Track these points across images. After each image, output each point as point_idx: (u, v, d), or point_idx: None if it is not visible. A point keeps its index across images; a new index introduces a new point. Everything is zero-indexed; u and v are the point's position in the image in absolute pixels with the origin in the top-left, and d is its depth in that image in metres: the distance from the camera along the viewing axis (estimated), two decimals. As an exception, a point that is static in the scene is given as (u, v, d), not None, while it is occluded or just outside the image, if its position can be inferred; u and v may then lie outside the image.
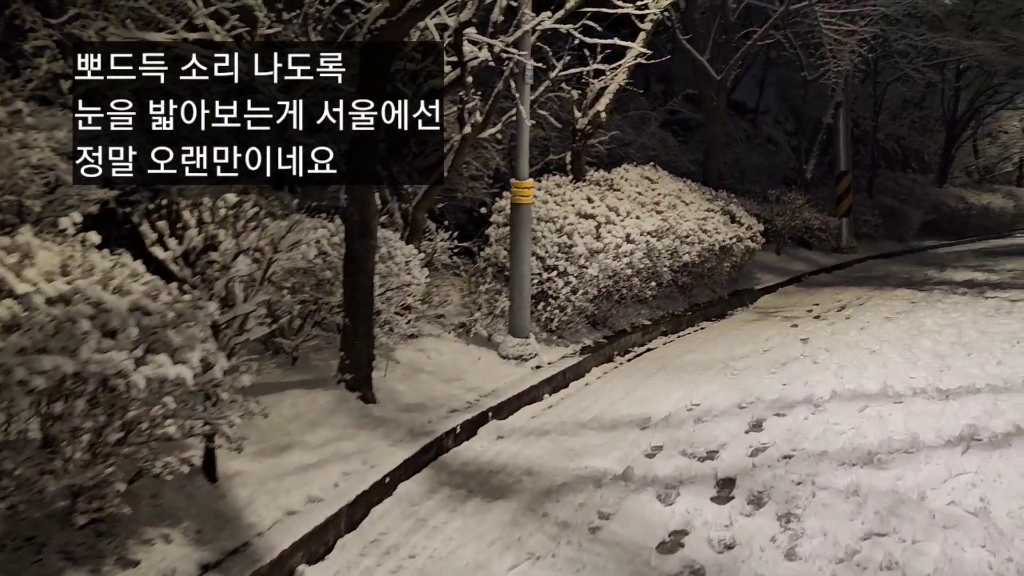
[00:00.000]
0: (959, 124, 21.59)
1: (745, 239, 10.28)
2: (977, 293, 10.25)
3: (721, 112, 11.87)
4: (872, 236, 17.45)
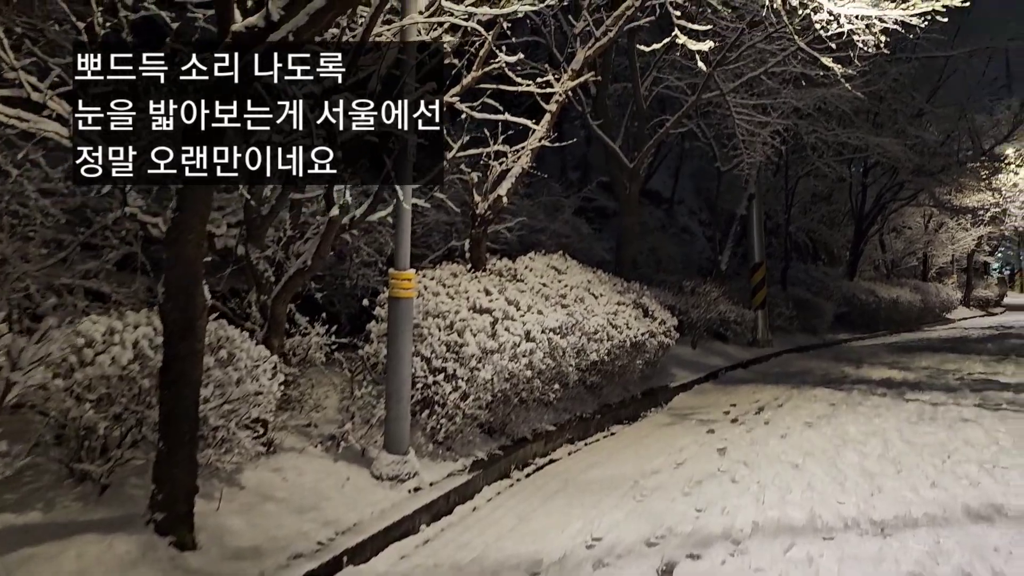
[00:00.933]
0: (867, 219, 22.01)
1: (659, 334, 9.66)
2: (897, 394, 9.80)
3: (634, 200, 11.43)
4: (787, 329, 17.22)
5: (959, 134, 19.14)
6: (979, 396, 9.33)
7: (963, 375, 11.44)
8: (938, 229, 27.86)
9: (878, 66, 14.72)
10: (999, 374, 11.36)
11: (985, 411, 8.34)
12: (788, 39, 9.60)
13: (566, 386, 7.65)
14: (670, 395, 10.43)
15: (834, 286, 19.89)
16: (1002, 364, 12.54)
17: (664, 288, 14.58)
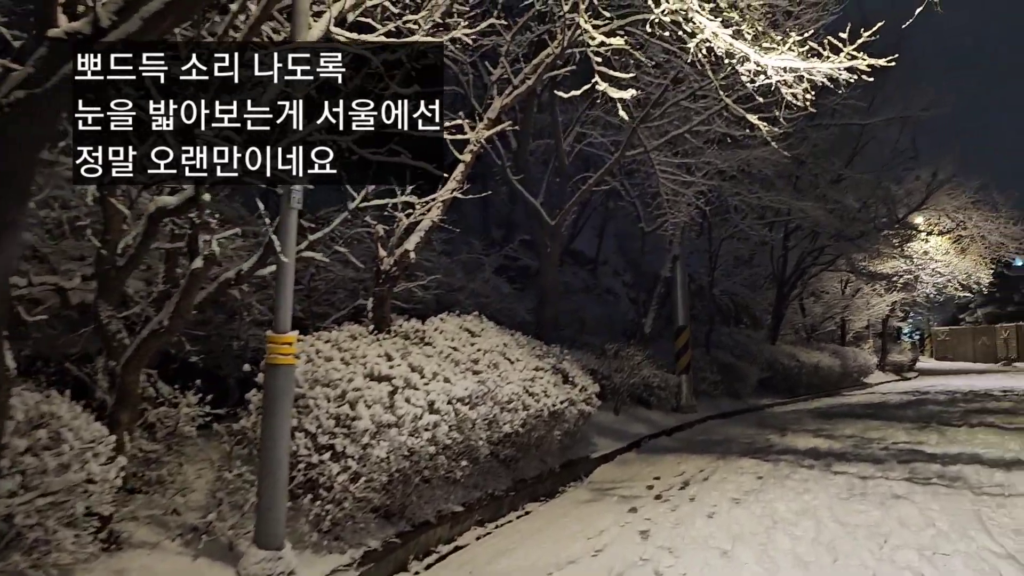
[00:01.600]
0: (788, 283, 22.15)
1: (579, 402, 9.08)
2: (824, 466, 9.39)
3: (555, 259, 10.96)
4: (711, 394, 16.90)
5: (875, 202, 19.54)
6: (907, 468, 8.99)
7: (888, 444, 11.16)
8: (855, 294, 28.37)
9: (799, 131, 14.83)
10: (923, 444, 11.12)
11: (916, 486, 7.96)
12: (713, 97, 9.38)
13: (476, 461, 6.96)
14: (591, 467, 9.82)
15: (757, 350, 19.77)
16: (924, 433, 12.35)
17: (587, 351, 14.10)
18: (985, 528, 6.21)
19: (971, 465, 9.09)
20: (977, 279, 29.26)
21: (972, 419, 14.32)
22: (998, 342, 46.98)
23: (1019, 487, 7.75)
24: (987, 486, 7.88)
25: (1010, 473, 8.56)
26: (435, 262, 12.16)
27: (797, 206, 13.98)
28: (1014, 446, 10.65)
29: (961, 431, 12.54)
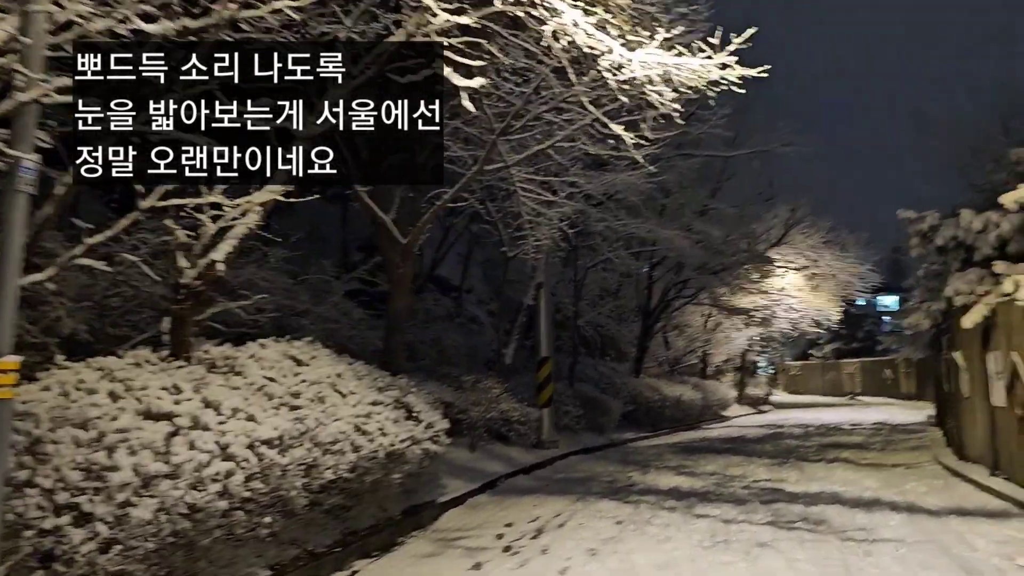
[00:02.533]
0: (653, 315, 22.04)
1: (424, 440, 8.11)
2: (686, 508, 8.80)
3: (407, 281, 9.99)
4: (574, 428, 16.30)
5: (738, 236, 19.76)
6: (771, 511, 8.50)
7: (749, 483, 10.75)
8: (716, 328, 28.81)
9: (666, 158, 14.62)
10: (784, 481, 10.78)
11: (780, 531, 7.42)
12: (578, 111, 8.75)
13: (291, 514, 5.86)
14: (437, 513, 8.83)
15: (621, 383, 19.42)
16: (784, 470, 12.09)
17: (444, 383, 13.17)
18: (855, 582, 5.66)
19: (833, 506, 8.71)
20: (828, 316, 30.42)
21: (828, 454, 14.30)
22: (843, 377, 49.41)
23: (881, 531, 7.34)
24: (851, 530, 7.44)
25: (871, 514, 8.20)
26: (273, 281, 10.95)
27: (663, 235, 13.69)
28: (871, 483, 10.45)
29: (819, 467, 12.37)
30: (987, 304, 9.55)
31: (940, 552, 6.46)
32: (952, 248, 11.68)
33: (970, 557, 6.32)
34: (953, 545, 6.73)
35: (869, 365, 46.84)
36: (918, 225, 11.84)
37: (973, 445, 11.23)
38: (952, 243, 11.55)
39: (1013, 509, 8.39)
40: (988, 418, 10.08)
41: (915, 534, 7.15)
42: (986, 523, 7.68)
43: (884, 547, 6.68)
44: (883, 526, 7.57)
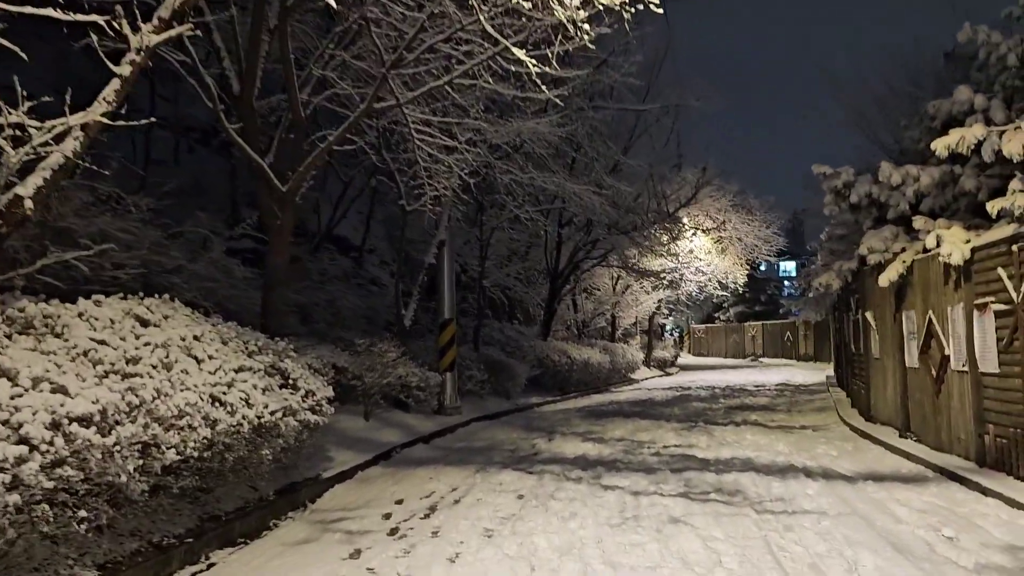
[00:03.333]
0: (561, 277, 21.42)
1: (303, 410, 7.18)
2: (593, 479, 8.16)
3: (287, 234, 8.91)
4: (478, 393, 15.57)
5: (648, 196, 19.26)
6: (682, 480, 7.95)
7: (659, 449, 10.24)
8: (625, 291, 28.54)
9: (576, 110, 13.86)
10: (694, 447, 10.31)
11: (694, 504, 6.84)
12: (479, 43, 7.83)
13: (126, 503, 4.88)
14: (321, 489, 7.94)
15: (528, 346, 18.78)
16: (694, 434, 11.66)
17: (339, 346, 12.17)
18: (778, 563, 5.07)
19: (746, 473, 8.22)
20: (734, 278, 30.58)
21: (736, 417, 14.02)
22: (747, 339, 50.46)
23: (799, 501, 6.85)
24: (768, 500, 6.93)
25: (787, 482, 7.74)
26: (138, 234, 9.71)
27: (572, 190, 12.94)
28: (782, 447, 10.08)
29: (728, 431, 12.00)
30: (903, 261, 9.19)
31: (864, 525, 5.98)
32: (866, 206, 11.35)
33: (895, 530, 5.85)
34: (875, 516, 6.27)
35: (771, 328, 47.94)
36: (833, 181, 11.45)
37: (882, 407, 11.03)
38: (866, 200, 11.21)
39: (928, 473, 8.09)
40: (900, 379, 9.81)
41: (835, 505, 6.67)
42: (904, 489, 7.30)
43: (805, 520, 6.16)
44: (801, 495, 7.08)
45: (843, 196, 11.40)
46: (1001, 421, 7.16)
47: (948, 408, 8.36)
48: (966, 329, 7.73)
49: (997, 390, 7.22)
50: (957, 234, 7.71)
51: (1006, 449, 7.09)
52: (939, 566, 4.97)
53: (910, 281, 9.25)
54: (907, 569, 4.89)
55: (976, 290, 7.50)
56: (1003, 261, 6.95)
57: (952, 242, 7.53)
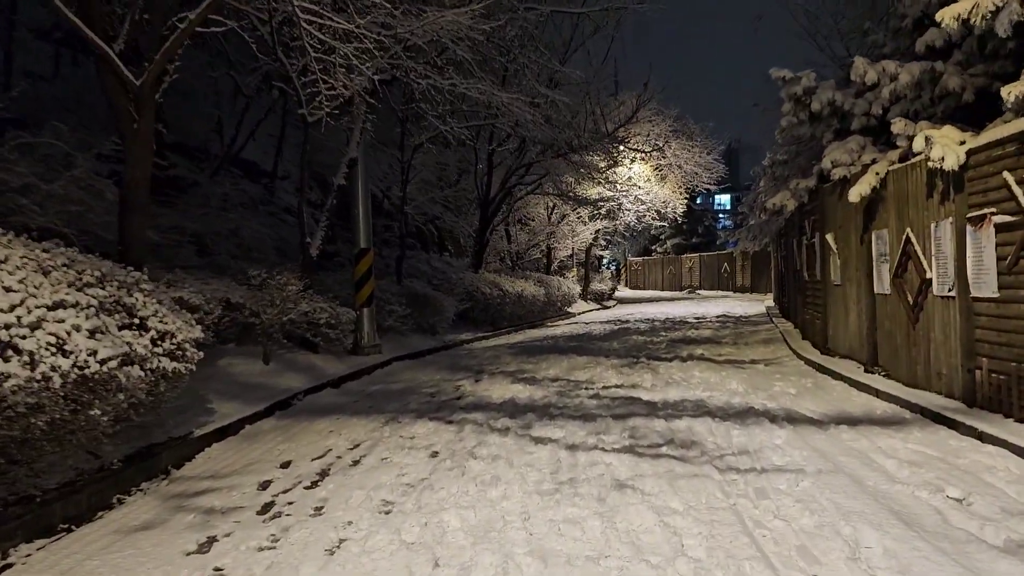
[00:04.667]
0: (492, 204, 19.94)
1: (155, 357, 5.68)
2: (523, 430, 6.91)
3: (148, 141, 7.24)
4: (399, 330, 14.18)
5: (585, 116, 17.77)
6: (627, 429, 6.75)
7: (598, 390, 9.06)
8: (560, 221, 27.26)
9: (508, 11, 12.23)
10: (638, 387, 9.16)
11: (642, 461, 5.64)
12: None
13: None
14: (191, 451, 6.50)
15: (457, 279, 17.38)
16: (637, 372, 10.52)
17: (236, 281, 10.59)
18: (759, 548, 3.88)
19: (700, 419, 7.07)
20: (673, 207, 29.55)
21: (681, 351, 12.96)
22: (684, 271, 50.03)
23: (768, 455, 5.71)
24: (731, 454, 5.77)
25: (748, 429, 6.61)
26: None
27: (502, 100, 11.40)
28: (736, 385, 9.00)
29: (674, 367, 10.90)
30: (876, 173, 8.02)
31: (852, 485, 4.85)
32: (827, 115, 10.15)
33: (891, 492, 4.73)
34: (863, 473, 5.16)
35: (708, 259, 47.52)
36: (793, 87, 10.19)
37: (843, 338, 10.03)
38: (828, 109, 10.00)
39: (905, 414, 7.06)
40: (866, 308, 8.77)
41: (812, 459, 5.53)
42: (884, 435, 6.23)
43: (779, 481, 5.00)
44: (768, 446, 5.94)
45: (803, 104, 10.17)
46: (998, 354, 6.11)
47: (927, 340, 7.32)
48: (955, 248, 6.62)
49: (994, 318, 6.15)
50: (950, 134, 6.53)
51: (1003, 387, 6.06)
52: (961, 546, 3.85)
53: (883, 196, 8.11)
54: (925, 552, 3.75)
55: (970, 201, 6.36)
56: (1010, 164, 5.79)
57: (944, 144, 6.35)
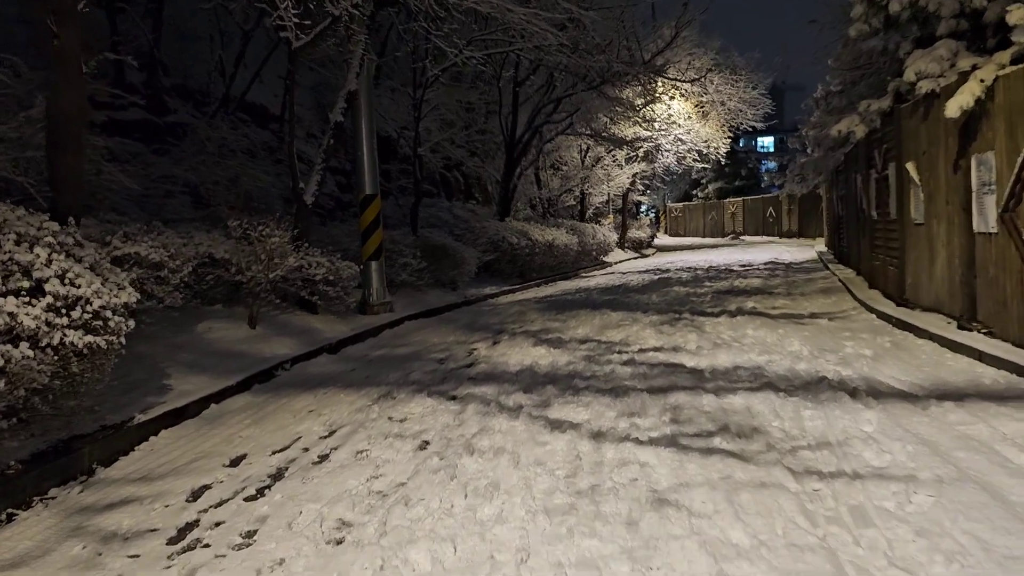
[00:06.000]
0: (519, 146, 18.38)
1: (60, 330, 4.43)
2: (538, 410, 5.58)
3: (75, 62, 5.88)
4: (415, 285, 12.89)
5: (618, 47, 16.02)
6: (667, 409, 5.37)
7: (633, 354, 7.68)
8: (595, 165, 25.60)
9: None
10: (681, 350, 7.74)
11: (689, 460, 4.26)
12: None
13: None
14: (130, 442, 5.28)
15: (480, 228, 15.98)
16: (679, 330, 9.08)
17: (224, 234, 9.34)
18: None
19: (760, 393, 5.65)
20: (716, 147, 27.64)
21: (728, 304, 11.47)
22: (726, 216, 47.95)
23: (859, 450, 4.28)
24: (804, 447, 4.37)
25: (823, 408, 5.17)
26: None
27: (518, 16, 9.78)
28: (798, 347, 7.54)
29: (722, 324, 9.44)
30: (981, 80, 6.38)
31: (996, 507, 3.40)
32: (906, 20, 8.45)
33: (1054, 515, 3.30)
34: (1000, 482, 3.70)
35: (752, 204, 45.39)
36: (866, -15, 8.49)
37: (927, 288, 8.47)
38: (907, 12, 8.30)
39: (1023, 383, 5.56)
40: (961, 250, 7.20)
41: (920, 457, 4.09)
42: (1006, 416, 4.75)
43: (883, 496, 3.58)
44: (855, 436, 4.51)
45: (878, 6, 8.46)
46: None
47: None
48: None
49: None
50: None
51: None
52: None
53: (987, 110, 6.49)
54: None
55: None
56: None
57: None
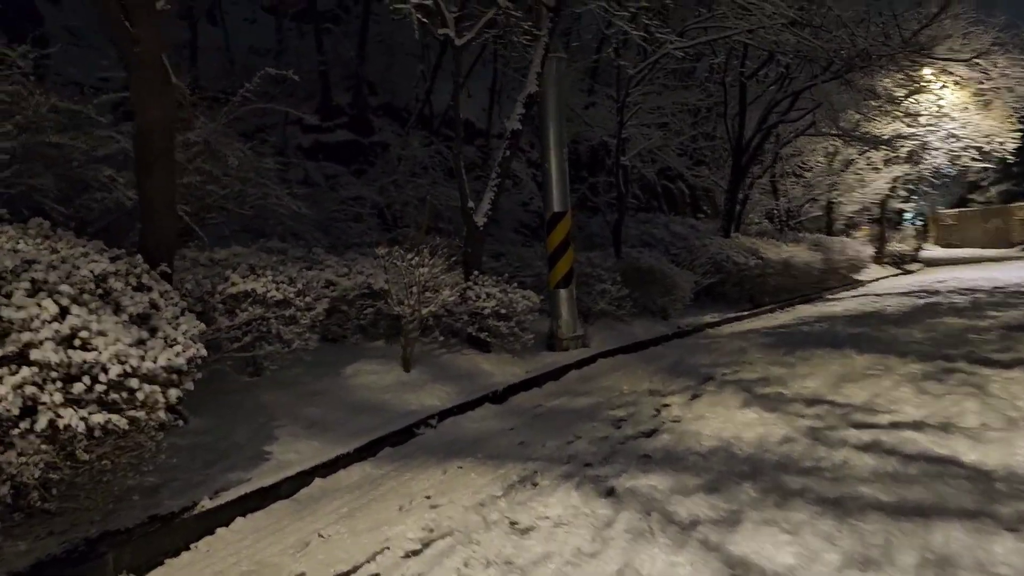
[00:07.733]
0: (747, 152, 16.06)
1: (57, 408, 3.36)
2: (718, 533, 3.78)
3: (155, 69, 4.96)
4: (616, 315, 11.22)
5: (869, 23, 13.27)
6: (929, 564, 3.31)
7: (880, 431, 5.49)
8: (844, 169, 22.35)
9: None
10: (953, 429, 5.43)
11: None
12: None
13: None
14: (186, 536, 4.18)
15: (700, 246, 13.96)
16: (949, 389, 6.64)
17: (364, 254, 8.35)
18: None
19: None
20: (1001, 142, 23.12)
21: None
22: (1013, 224, 41.14)
23: None
24: None
25: None
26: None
27: None
28: None
29: (1018, 380, 6.83)
30: None
31: None
32: None
33: None
34: None
35: (1047, 208, 38.45)
36: None
37: None
38: None
39: None
40: None
41: None
42: None
43: None
44: None
45: None
46: None
47: None
48: None
49: None
50: None
51: None
52: None
53: None
54: None
55: None
56: None
57: None
